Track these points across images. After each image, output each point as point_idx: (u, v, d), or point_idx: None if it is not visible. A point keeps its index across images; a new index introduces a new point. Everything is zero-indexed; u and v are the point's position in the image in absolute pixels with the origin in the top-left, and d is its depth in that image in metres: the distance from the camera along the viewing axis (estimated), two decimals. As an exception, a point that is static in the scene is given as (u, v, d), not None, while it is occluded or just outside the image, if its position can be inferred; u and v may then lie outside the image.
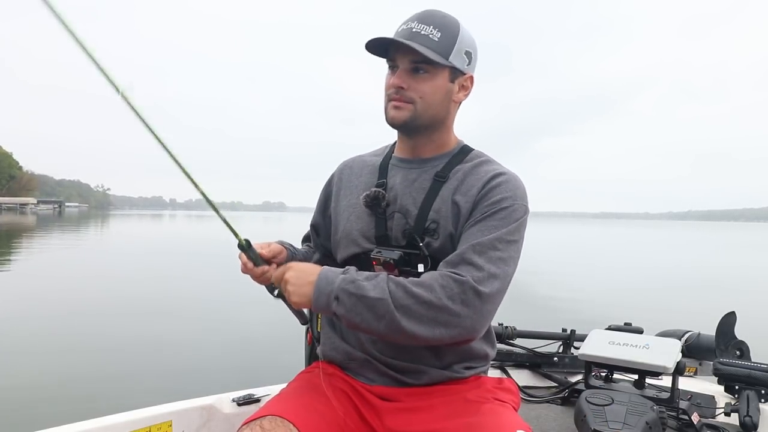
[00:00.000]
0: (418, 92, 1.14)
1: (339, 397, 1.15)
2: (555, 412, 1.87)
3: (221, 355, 5.40)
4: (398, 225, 1.19)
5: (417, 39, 1.11)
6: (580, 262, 18.81)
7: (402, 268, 1.15)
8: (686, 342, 2.15)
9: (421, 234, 1.16)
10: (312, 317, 1.74)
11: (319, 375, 1.22)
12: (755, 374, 1.81)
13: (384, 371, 1.18)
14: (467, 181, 1.18)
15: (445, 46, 1.12)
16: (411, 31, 1.12)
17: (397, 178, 1.23)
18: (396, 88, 1.14)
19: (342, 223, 1.26)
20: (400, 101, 1.15)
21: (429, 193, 1.19)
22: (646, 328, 2.16)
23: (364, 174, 1.29)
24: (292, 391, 1.17)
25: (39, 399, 3.99)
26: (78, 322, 6.80)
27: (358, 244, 1.21)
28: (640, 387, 1.79)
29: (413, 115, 1.15)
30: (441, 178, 1.20)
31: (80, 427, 1.30)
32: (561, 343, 2.26)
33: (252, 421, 1.02)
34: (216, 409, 1.48)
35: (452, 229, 1.15)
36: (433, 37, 1.11)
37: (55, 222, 48.18)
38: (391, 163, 1.27)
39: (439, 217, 1.16)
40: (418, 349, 1.16)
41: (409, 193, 1.20)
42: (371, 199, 1.20)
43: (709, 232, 73.54)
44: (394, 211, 1.20)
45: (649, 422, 1.46)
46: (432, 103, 1.16)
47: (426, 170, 1.22)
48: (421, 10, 1.17)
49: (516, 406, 1.20)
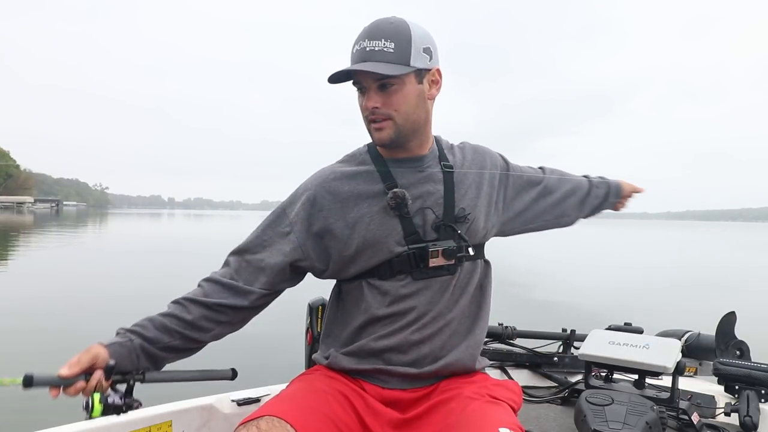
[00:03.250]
0: (392, 107, 1.16)
1: (339, 399, 1.14)
2: (555, 412, 1.86)
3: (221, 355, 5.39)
4: (428, 220, 1.22)
5: (374, 57, 1.12)
6: (580, 262, 18.82)
7: (458, 254, 1.22)
8: (686, 342, 2.15)
9: (453, 222, 1.22)
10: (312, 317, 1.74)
11: (320, 377, 1.21)
12: (755, 374, 1.81)
13: (399, 372, 1.18)
14: (474, 165, 1.31)
15: (402, 53, 1.14)
16: (365, 51, 1.13)
17: (408, 177, 1.24)
18: (371, 109, 1.16)
19: (359, 233, 1.21)
20: (380, 121, 1.17)
21: (447, 185, 1.25)
22: (646, 328, 2.16)
23: (357, 183, 1.24)
24: (292, 393, 1.16)
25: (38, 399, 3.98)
26: (76, 320, 6.78)
27: (390, 249, 1.20)
28: (640, 387, 1.79)
29: (396, 129, 1.18)
30: (449, 168, 1.26)
31: (80, 427, 1.29)
32: (561, 343, 2.25)
33: (249, 422, 1.01)
34: (216, 409, 1.48)
35: (483, 209, 1.28)
36: (388, 50, 1.12)
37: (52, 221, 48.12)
38: (389, 166, 1.25)
39: (465, 203, 1.25)
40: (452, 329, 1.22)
41: (430, 188, 1.24)
42: (400, 200, 1.19)
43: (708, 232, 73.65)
44: (420, 207, 1.22)
45: (649, 422, 1.45)
46: (409, 111, 1.18)
47: (429, 165, 1.26)
48: (368, 24, 1.17)
49: (516, 406, 1.20)
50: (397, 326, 1.19)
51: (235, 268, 1.22)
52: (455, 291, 1.24)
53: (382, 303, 1.20)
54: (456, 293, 1.24)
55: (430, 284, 1.21)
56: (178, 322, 1.15)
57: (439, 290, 1.21)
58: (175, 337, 1.15)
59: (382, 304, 1.20)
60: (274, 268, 1.21)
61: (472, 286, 1.27)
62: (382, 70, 1.11)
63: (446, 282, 1.22)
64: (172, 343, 1.15)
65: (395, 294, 1.20)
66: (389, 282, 1.20)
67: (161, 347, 1.14)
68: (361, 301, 1.22)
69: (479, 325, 1.28)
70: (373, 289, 1.21)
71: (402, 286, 1.20)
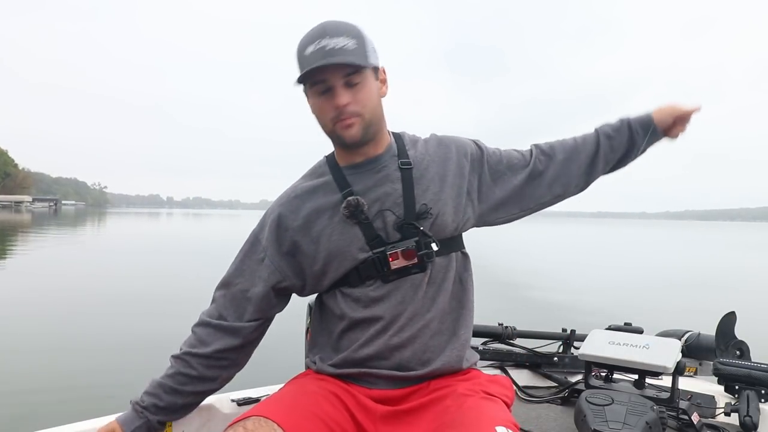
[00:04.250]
0: (360, 104, 1.15)
1: (330, 399, 1.14)
2: (555, 412, 1.86)
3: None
4: (388, 222, 1.20)
5: (340, 54, 1.10)
6: (580, 262, 18.84)
7: (419, 252, 1.18)
8: (686, 342, 2.15)
9: (415, 219, 1.19)
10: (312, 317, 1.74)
11: (311, 380, 1.22)
12: (755, 374, 1.81)
13: (384, 375, 1.18)
14: (436, 158, 1.26)
15: (361, 50, 1.14)
16: (325, 49, 1.10)
17: (364, 182, 1.22)
18: (342, 107, 1.14)
19: (323, 247, 1.21)
20: (349, 119, 1.15)
21: (405, 182, 1.22)
22: (646, 328, 2.16)
23: (317, 197, 1.24)
24: (281, 395, 1.17)
25: (37, 399, 3.98)
26: (76, 321, 6.78)
27: (354, 257, 1.20)
28: (640, 387, 1.79)
29: (364, 126, 1.17)
30: (407, 165, 1.23)
31: (80, 427, 1.29)
32: (561, 343, 2.26)
33: (236, 422, 1.02)
34: (216, 409, 1.48)
35: (450, 201, 1.23)
36: (351, 47, 1.12)
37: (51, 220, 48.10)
38: (345, 173, 1.24)
39: (427, 198, 1.21)
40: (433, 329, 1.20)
41: (385, 190, 1.21)
42: (354, 208, 1.18)
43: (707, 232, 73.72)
44: (378, 210, 1.20)
45: (649, 422, 1.46)
46: (373, 108, 1.18)
47: (386, 165, 1.24)
48: (317, 26, 1.15)
49: (509, 401, 1.20)
50: (373, 331, 1.18)
51: (222, 304, 1.26)
52: (429, 289, 1.21)
53: (356, 309, 1.20)
54: (431, 291, 1.21)
55: (400, 285, 1.19)
56: (185, 380, 1.23)
57: (411, 289, 1.19)
58: (187, 397, 1.24)
59: (355, 309, 1.20)
60: (258, 295, 1.24)
61: (449, 282, 1.23)
62: (355, 61, 1.10)
63: (418, 280, 1.20)
64: (185, 401, 1.25)
65: (366, 299, 1.19)
66: (359, 288, 1.20)
67: (176, 409, 1.24)
68: (337, 308, 1.23)
69: (463, 323, 1.25)
70: (346, 297, 1.22)
71: (372, 290, 1.19)
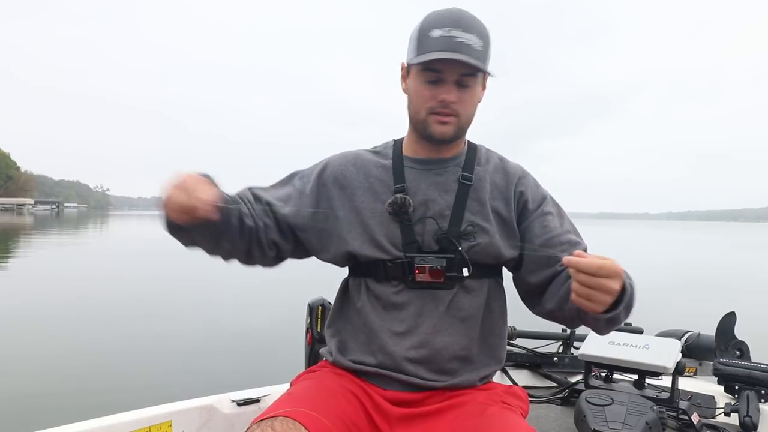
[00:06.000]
0: (463, 105, 1.11)
1: (348, 398, 1.12)
2: (555, 412, 1.86)
3: (221, 355, 5.40)
4: (430, 230, 1.15)
5: (463, 50, 1.05)
6: (580, 263, 18.74)
7: (448, 273, 1.12)
8: (686, 342, 2.15)
9: (458, 238, 1.13)
10: (312, 317, 1.74)
11: (328, 374, 1.19)
12: (755, 374, 1.81)
13: (403, 379, 1.14)
14: (500, 184, 1.20)
15: (485, 54, 1.09)
16: (455, 41, 1.05)
17: (419, 181, 1.18)
18: (446, 102, 1.10)
19: (359, 222, 1.17)
20: (447, 116, 1.11)
21: (459, 197, 1.16)
22: (646, 328, 2.16)
23: (373, 174, 1.21)
24: (303, 391, 1.12)
25: (38, 399, 3.98)
26: (76, 322, 6.78)
27: (385, 250, 1.15)
28: (640, 387, 1.79)
29: (457, 128, 1.13)
30: (467, 180, 1.18)
31: (80, 427, 1.29)
32: (561, 343, 2.26)
33: (263, 421, 0.97)
34: (216, 409, 1.48)
35: (493, 230, 1.16)
36: (478, 47, 1.07)
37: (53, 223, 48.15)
38: (405, 164, 1.20)
39: (475, 219, 1.15)
40: (451, 353, 1.14)
41: (438, 197, 1.16)
42: (398, 207, 1.14)
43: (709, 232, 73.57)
44: (423, 216, 1.15)
45: (649, 422, 1.46)
46: (471, 113, 1.15)
47: (448, 171, 1.19)
48: (452, 10, 1.08)
49: (524, 413, 1.17)
50: (392, 336, 1.15)
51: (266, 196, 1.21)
52: (452, 308, 1.15)
53: (376, 306, 1.17)
54: (453, 310, 1.15)
55: (423, 296, 1.14)
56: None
57: (432, 303, 1.14)
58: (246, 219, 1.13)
59: (375, 308, 1.17)
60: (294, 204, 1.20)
61: (475, 308, 1.17)
62: (480, 65, 1.06)
63: (441, 296, 1.14)
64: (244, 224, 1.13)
65: (387, 300, 1.16)
66: (383, 286, 1.17)
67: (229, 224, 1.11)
68: (358, 300, 1.20)
69: (488, 353, 1.19)
70: (369, 292, 1.19)
71: (394, 293, 1.16)
